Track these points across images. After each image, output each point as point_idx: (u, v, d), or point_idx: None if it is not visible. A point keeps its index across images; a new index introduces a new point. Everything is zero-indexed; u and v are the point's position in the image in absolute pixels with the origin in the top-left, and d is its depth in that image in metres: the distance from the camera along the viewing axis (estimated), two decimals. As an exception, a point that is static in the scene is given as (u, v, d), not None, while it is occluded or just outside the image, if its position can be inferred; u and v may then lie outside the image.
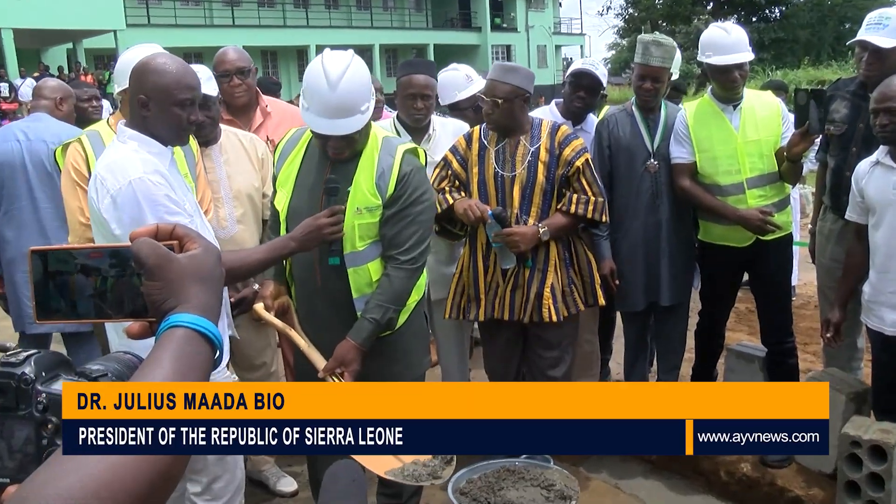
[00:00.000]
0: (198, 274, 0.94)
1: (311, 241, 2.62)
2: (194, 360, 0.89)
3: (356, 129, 2.60)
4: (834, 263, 3.82)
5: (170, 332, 0.90)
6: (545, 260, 3.42)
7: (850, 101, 3.67)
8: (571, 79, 4.11)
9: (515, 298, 3.44)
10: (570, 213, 3.37)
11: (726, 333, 4.44)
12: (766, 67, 26.44)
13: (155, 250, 0.93)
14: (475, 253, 3.50)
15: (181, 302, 0.92)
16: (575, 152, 3.38)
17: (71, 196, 3.04)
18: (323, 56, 2.63)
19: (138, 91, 2.47)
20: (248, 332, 3.07)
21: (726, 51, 3.68)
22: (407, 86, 3.66)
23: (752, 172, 3.71)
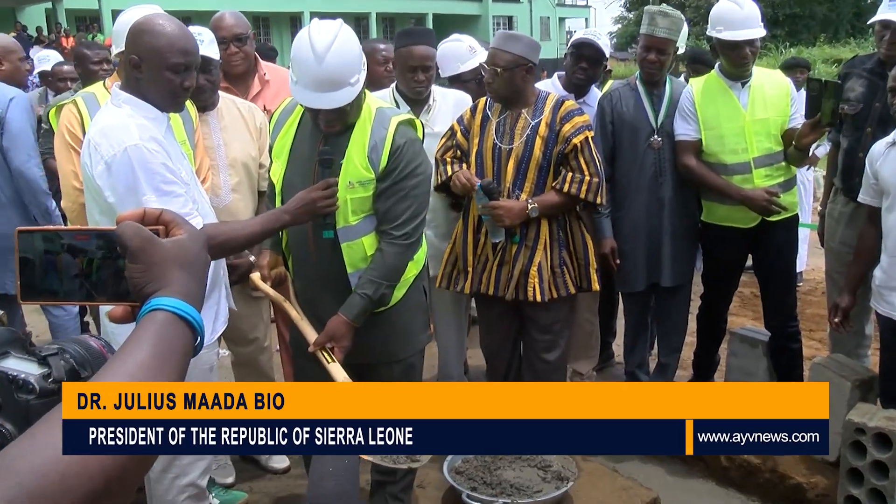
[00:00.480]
0: (181, 259, 0.96)
1: (305, 215, 2.65)
2: (174, 344, 0.90)
3: (345, 103, 2.60)
4: (843, 247, 3.86)
5: (151, 314, 0.91)
6: (535, 238, 3.43)
7: (867, 80, 3.67)
8: (573, 49, 4.13)
9: (501, 274, 3.46)
10: (563, 191, 3.37)
11: (730, 318, 4.50)
12: (779, 45, 26.31)
13: (138, 233, 0.95)
14: (467, 225, 3.54)
15: (163, 286, 0.94)
16: (574, 129, 3.37)
17: (64, 159, 3.05)
18: (310, 27, 2.62)
19: (132, 51, 2.48)
20: (241, 306, 3.11)
21: (737, 26, 3.69)
22: (407, 57, 3.65)
23: (759, 152, 3.74)
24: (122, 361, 0.86)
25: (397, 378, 2.99)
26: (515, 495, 3.19)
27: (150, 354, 0.87)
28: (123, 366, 0.85)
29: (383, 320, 2.89)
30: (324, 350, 2.76)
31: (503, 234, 3.39)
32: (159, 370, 0.87)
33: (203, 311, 2.73)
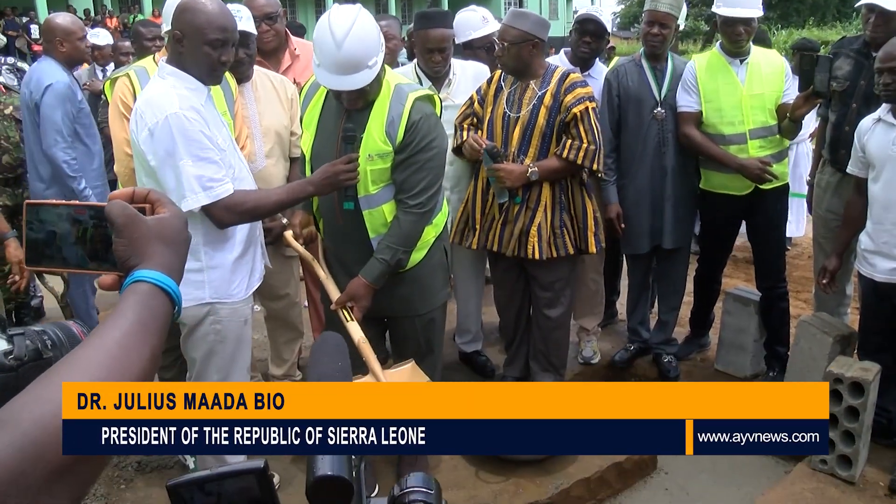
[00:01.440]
0: (162, 235, 0.98)
1: (328, 187, 2.69)
2: (155, 311, 0.91)
3: (363, 85, 2.60)
4: (830, 214, 3.85)
5: (134, 285, 0.93)
6: (537, 200, 3.43)
7: (854, 59, 3.66)
8: (577, 25, 4.10)
9: (505, 232, 3.49)
10: (562, 157, 3.37)
11: (724, 279, 4.50)
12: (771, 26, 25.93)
13: (123, 210, 0.96)
14: (476, 186, 3.56)
15: (144, 259, 0.95)
16: (576, 99, 3.34)
17: (118, 127, 3.08)
18: (330, 13, 2.62)
19: (175, 27, 2.51)
20: (273, 263, 3.13)
21: (734, 3, 3.67)
22: (424, 40, 3.65)
23: (754, 124, 3.74)
24: (110, 328, 0.86)
25: (419, 330, 3.03)
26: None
27: (133, 322, 0.88)
28: (111, 331, 0.86)
29: (406, 278, 2.92)
30: (344, 309, 2.79)
31: (507, 195, 3.40)
32: (142, 336, 0.87)
33: (239, 268, 2.77)
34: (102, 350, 0.84)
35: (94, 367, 0.82)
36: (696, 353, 4.42)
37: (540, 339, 3.71)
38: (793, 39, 22.14)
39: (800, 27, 27.16)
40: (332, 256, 3.01)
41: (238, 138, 3.09)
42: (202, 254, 2.60)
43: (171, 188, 2.48)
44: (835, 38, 4.43)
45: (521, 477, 3.21)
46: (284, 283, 3.55)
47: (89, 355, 0.83)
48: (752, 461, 3.62)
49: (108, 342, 0.85)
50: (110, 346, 0.84)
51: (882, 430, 3.33)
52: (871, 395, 3.10)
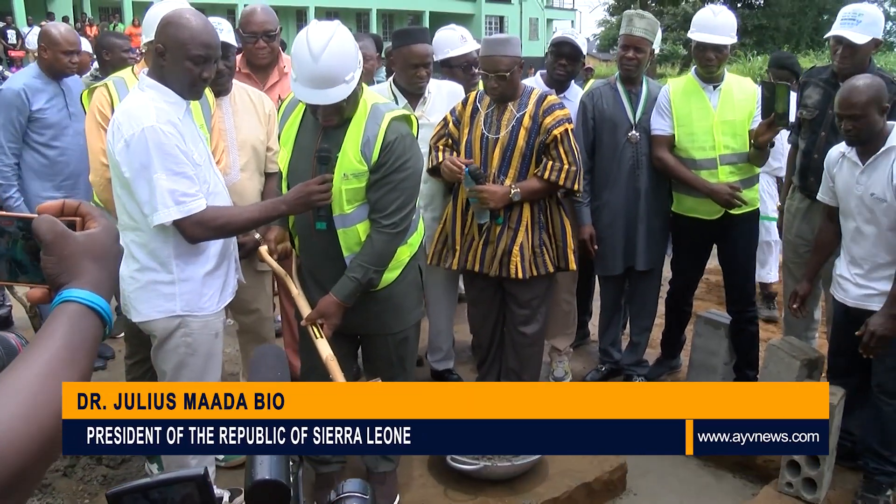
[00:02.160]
0: (92, 251, 0.95)
1: (301, 206, 2.69)
2: (85, 333, 0.89)
3: (340, 99, 2.60)
4: (799, 240, 3.91)
5: (63, 305, 0.90)
6: (518, 220, 3.46)
7: (823, 89, 3.73)
8: (553, 48, 4.13)
9: (486, 253, 3.49)
10: (544, 178, 3.40)
11: (696, 302, 4.55)
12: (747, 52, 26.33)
13: (52, 227, 0.93)
14: (456, 207, 3.57)
15: (74, 277, 0.92)
16: (555, 121, 3.38)
17: (94, 137, 3.07)
18: (308, 27, 2.62)
19: (158, 41, 2.51)
20: (245, 278, 3.12)
21: (707, 30, 3.75)
22: (408, 56, 3.66)
23: (725, 150, 3.79)
24: (38, 352, 0.85)
25: (392, 348, 3.02)
26: (496, 459, 3.22)
27: (62, 345, 0.86)
28: (39, 356, 0.84)
29: (380, 297, 2.92)
30: (314, 325, 2.78)
31: (488, 216, 3.42)
32: (71, 359, 0.86)
33: (211, 281, 2.76)
34: (30, 374, 0.82)
35: (20, 392, 0.79)
36: (667, 375, 4.45)
37: (513, 357, 3.72)
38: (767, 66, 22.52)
39: (775, 54, 27.58)
40: (306, 273, 3.00)
41: (214, 151, 3.09)
42: (174, 266, 2.59)
43: (144, 201, 2.47)
44: (808, 66, 4.49)
45: (489, 496, 3.21)
46: (255, 297, 3.54)
47: (15, 381, 0.81)
48: (719, 483, 3.66)
49: (34, 368, 0.82)
50: (37, 372, 0.82)
51: (846, 454, 3.37)
52: (836, 418, 3.14)
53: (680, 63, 28.01)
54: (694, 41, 3.80)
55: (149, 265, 2.59)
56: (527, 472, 3.30)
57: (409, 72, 3.67)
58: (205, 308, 2.67)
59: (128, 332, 3.15)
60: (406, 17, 37.17)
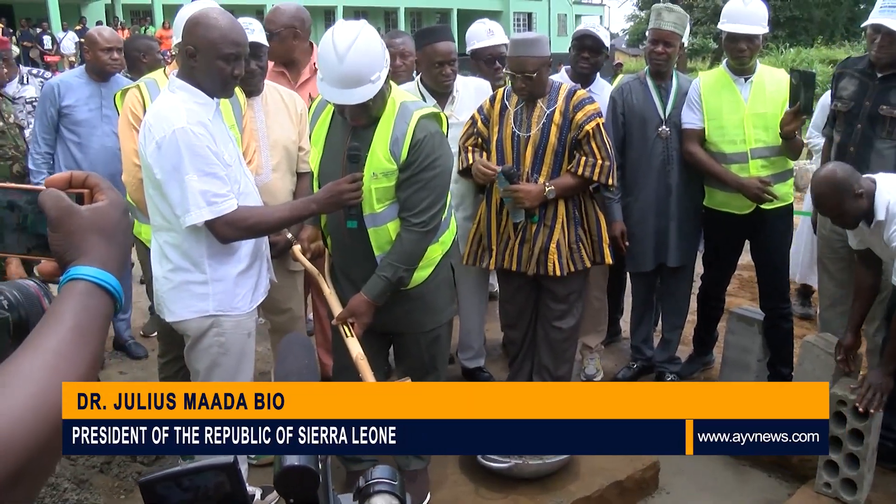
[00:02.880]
0: (99, 227, 0.93)
1: (332, 206, 2.70)
2: (94, 311, 0.87)
3: (365, 99, 2.59)
4: (834, 235, 3.82)
5: (71, 284, 0.88)
6: (553, 217, 3.46)
7: (859, 80, 3.64)
8: (575, 42, 4.13)
9: (523, 252, 3.49)
10: (577, 174, 3.39)
11: (729, 298, 4.49)
12: (779, 45, 25.95)
13: (57, 203, 0.91)
14: (490, 207, 3.57)
15: (81, 254, 0.90)
16: (586, 116, 3.37)
17: (126, 138, 3.11)
18: (334, 27, 2.63)
19: (187, 42, 2.53)
20: (278, 278, 3.14)
21: (738, 20, 3.70)
22: (432, 54, 3.66)
23: (756, 143, 3.74)
24: (46, 334, 0.83)
25: (424, 346, 3.02)
26: (527, 457, 3.21)
27: (70, 326, 0.84)
28: (47, 338, 0.82)
29: (411, 295, 2.92)
30: (345, 324, 2.79)
31: (523, 215, 3.41)
32: (80, 341, 0.84)
33: (244, 281, 2.78)
34: (39, 360, 0.80)
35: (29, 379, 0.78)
36: (700, 372, 4.40)
37: (547, 354, 3.71)
38: (801, 58, 22.18)
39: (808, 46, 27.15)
40: (339, 272, 3.02)
41: (246, 151, 3.12)
42: (206, 266, 2.61)
43: (176, 202, 2.50)
44: (843, 58, 4.42)
45: (521, 495, 3.20)
46: (288, 297, 3.55)
47: (24, 366, 0.79)
48: (753, 482, 3.61)
49: (44, 350, 0.81)
50: (47, 355, 0.81)
51: (888, 454, 3.30)
52: (876, 417, 3.07)
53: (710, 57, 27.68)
54: (725, 32, 3.75)
55: (182, 265, 2.62)
56: (558, 471, 3.28)
57: (434, 70, 3.67)
58: (237, 308, 2.69)
59: (161, 331, 3.19)
60: (434, 14, 37.17)
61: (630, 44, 36.03)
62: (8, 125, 4.49)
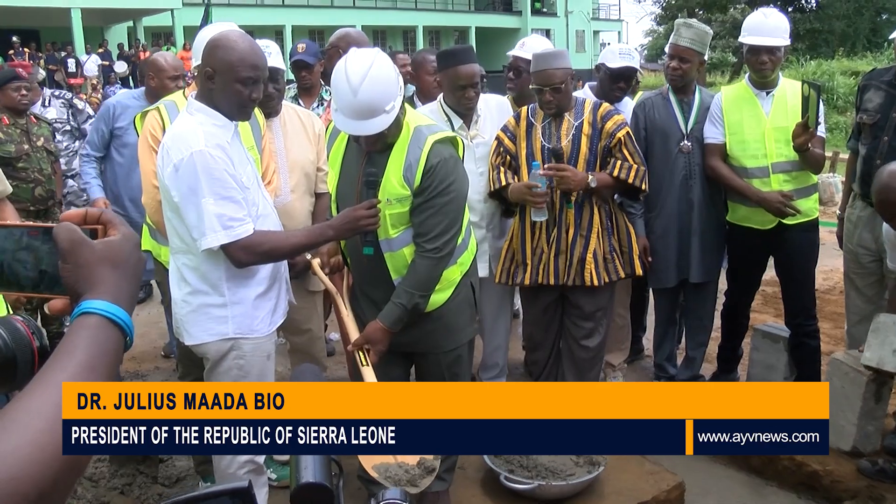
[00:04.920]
0: (111, 259, 0.92)
1: (348, 231, 2.68)
2: (105, 347, 0.86)
3: (380, 130, 2.58)
4: (861, 249, 3.77)
5: (83, 318, 0.88)
6: (588, 227, 3.48)
7: (885, 91, 3.60)
8: (613, 73, 4.04)
9: (559, 263, 3.50)
10: (613, 176, 3.42)
11: (753, 315, 4.42)
12: (799, 57, 25.81)
13: (70, 234, 0.91)
14: (524, 223, 3.57)
15: (92, 286, 0.90)
16: (616, 125, 3.45)
17: (146, 159, 3.12)
18: (346, 58, 2.60)
19: (206, 64, 2.52)
20: (297, 299, 3.13)
21: (760, 32, 3.67)
22: (454, 77, 3.57)
23: (777, 158, 3.69)
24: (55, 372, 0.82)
25: (444, 367, 2.99)
26: (550, 478, 3.17)
27: (80, 363, 0.83)
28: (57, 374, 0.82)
29: (432, 315, 2.89)
30: (360, 351, 2.77)
31: (546, 213, 3.41)
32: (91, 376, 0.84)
33: (263, 304, 2.76)
34: (48, 395, 0.80)
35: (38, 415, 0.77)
36: (725, 390, 4.33)
37: (572, 373, 3.68)
38: (821, 70, 22.02)
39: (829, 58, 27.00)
40: (359, 292, 3.00)
41: (265, 172, 3.12)
42: (225, 289, 2.60)
43: (192, 225, 2.49)
44: (866, 69, 4.35)
45: (545, 516, 3.15)
46: (307, 317, 3.54)
47: (34, 402, 0.79)
48: (784, 500, 3.54)
49: (54, 386, 0.81)
50: (56, 391, 0.80)
51: None
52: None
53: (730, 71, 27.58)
54: (746, 45, 3.72)
55: (200, 288, 2.61)
56: (582, 492, 3.23)
57: (457, 93, 3.59)
58: (257, 330, 2.68)
59: (181, 353, 3.18)
60: (452, 33, 37.36)
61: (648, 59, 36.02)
62: (35, 148, 4.55)
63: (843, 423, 3.54)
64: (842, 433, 3.55)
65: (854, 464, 3.46)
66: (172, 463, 3.58)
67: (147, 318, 5.53)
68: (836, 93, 19.24)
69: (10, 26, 23.18)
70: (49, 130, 4.77)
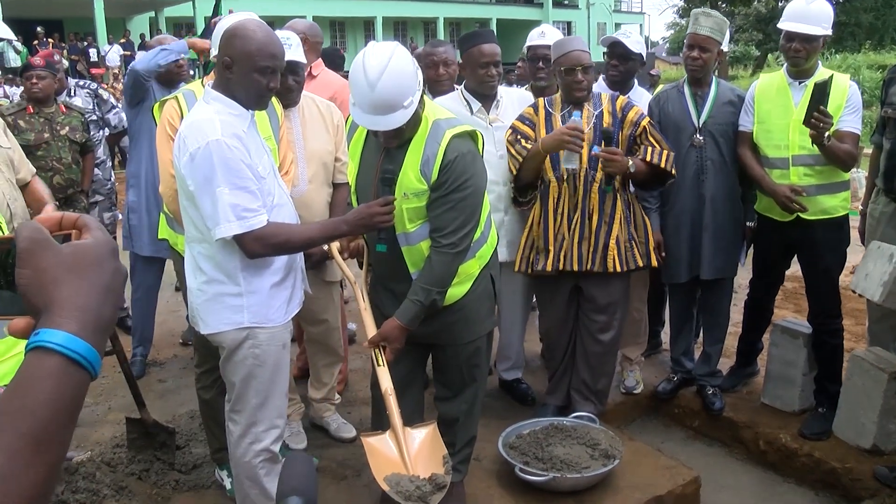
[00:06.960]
0: (78, 266, 0.78)
1: (362, 228, 2.68)
2: (65, 401, 0.72)
3: (398, 125, 2.57)
4: (884, 245, 3.71)
5: (41, 357, 0.73)
6: (612, 213, 3.49)
7: (912, 85, 3.54)
8: (607, 49, 4.16)
9: (583, 249, 3.51)
10: (646, 160, 3.44)
11: (773, 309, 4.37)
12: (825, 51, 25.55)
13: (32, 234, 0.77)
14: (546, 207, 3.57)
15: (51, 301, 0.75)
16: (638, 115, 3.52)
17: (164, 148, 3.12)
18: (364, 52, 2.58)
19: (224, 53, 2.52)
20: (314, 289, 3.14)
21: (797, 19, 3.57)
22: (478, 55, 3.64)
23: (799, 150, 3.60)
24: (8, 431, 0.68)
25: (463, 358, 2.99)
26: (565, 470, 3.16)
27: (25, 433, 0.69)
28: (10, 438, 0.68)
29: (451, 307, 2.88)
30: (377, 350, 2.77)
31: (577, 162, 3.43)
32: (34, 452, 0.69)
33: (278, 293, 2.76)
34: None
35: None
36: (742, 386, 4.30)
37: (585, 368, 3.67)
38: (847, 64, 21.74)
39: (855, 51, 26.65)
40: (379, 284, 3.00)
41: (283, 163, 3.12)
42: (241, 278, 2.61)
43: (207, 214, 2.49)
44: (893, 63, 4.27)
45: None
46: (324, 308, 3.55)
47: None
48: (799, 501, 3.51)
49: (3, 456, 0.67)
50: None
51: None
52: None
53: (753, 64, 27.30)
54: (781, 29, 3.63)
55: (216, 277, 2.62)
56: (596, 485, 3.22)
57: (480, 71, 3.65)
58: (272, 319, 2.68)
59: (197, 342, 3.20)
60: (473, 24, 37.18)
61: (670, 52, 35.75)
62: (56, 137, 4.57)
63: (863, 420, 3.51)
64: (862, 431, 3.52)
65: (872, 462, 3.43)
66: (189, 450, 3.61)
67: (166, 306, 5.57)
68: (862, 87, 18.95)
69: (34, 17, 23.35)
70: (80, 120, 4.76)
